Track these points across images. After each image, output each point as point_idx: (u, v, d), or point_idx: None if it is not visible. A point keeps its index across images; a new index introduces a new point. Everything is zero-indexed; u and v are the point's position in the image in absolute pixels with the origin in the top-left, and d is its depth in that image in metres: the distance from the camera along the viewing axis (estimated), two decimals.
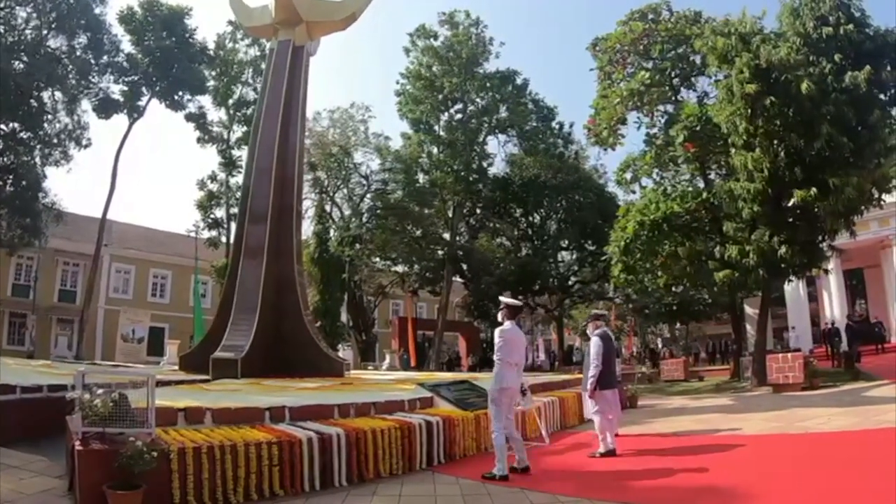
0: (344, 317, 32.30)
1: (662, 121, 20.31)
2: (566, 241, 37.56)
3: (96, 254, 29.47)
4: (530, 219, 38.17)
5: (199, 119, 32.57)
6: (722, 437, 8.94)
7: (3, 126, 26.16)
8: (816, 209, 15.04)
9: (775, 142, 14.81)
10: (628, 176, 20.55)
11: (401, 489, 6.13)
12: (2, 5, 25.61)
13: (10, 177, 26.28)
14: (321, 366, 15.22)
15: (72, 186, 69.50)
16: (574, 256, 38.50)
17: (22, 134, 26.98)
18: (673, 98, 20.55)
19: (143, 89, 30.39)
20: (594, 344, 8.00)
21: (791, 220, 15.87)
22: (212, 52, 32.18)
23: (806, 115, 14.39)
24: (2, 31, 25.56)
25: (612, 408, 8.07)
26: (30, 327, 32.95)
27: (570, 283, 38.37)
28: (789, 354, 16.26)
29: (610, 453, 7.61)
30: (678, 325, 41.06)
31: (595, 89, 20.84)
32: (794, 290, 29.12)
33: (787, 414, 10.76)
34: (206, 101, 33.18)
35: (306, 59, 18.48)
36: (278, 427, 6.57)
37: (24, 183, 26.35)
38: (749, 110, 14.76)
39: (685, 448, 8.24)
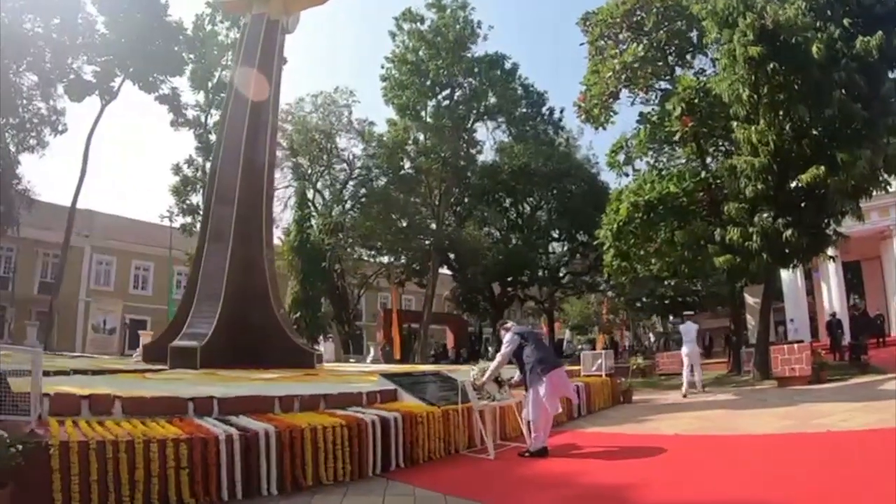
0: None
1: (656, 97, 19.12)
2: (557, 232, 36.49)
3: (65, 241, 28.18)
4: (520, 208, 37.03)
5: (172, 101, 31.20)
6: (731, 438, 7.79)
7: None
8: (823, 190, 14.00)
9: (780, 113, 13.65)
10: (621, 158, 19.35)
11: (342, 500, 4.97)
12: None
13: None
14: (290, 356, 14.26)
15: (53, 176, 68.02)
16: (565, 247, 37.47)
17: None
18: (668, 76, 19.42)
19: (116, 70, 29.02)
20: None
21: (797, 201, 14.77)
22: (189, 33, 30.85)
23: (814, 82, 13.20)
24: None
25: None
26: (8, 320, 31.79)
27: (560, 274, 37.32)
28: (795, 346, 15.14)
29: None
30: (671, 318, 40.10)
31: (586, 66, 19.70)
32: (792, 281, 28.31)
33: (799, 410, 9.66)
34: (183, 83, 31.87)
35: (281, 35, 17.50)
36: (198, 421, 5.43)
37: None
38: (753, 76, 13.53)
39: (692, 451, 7.13)
